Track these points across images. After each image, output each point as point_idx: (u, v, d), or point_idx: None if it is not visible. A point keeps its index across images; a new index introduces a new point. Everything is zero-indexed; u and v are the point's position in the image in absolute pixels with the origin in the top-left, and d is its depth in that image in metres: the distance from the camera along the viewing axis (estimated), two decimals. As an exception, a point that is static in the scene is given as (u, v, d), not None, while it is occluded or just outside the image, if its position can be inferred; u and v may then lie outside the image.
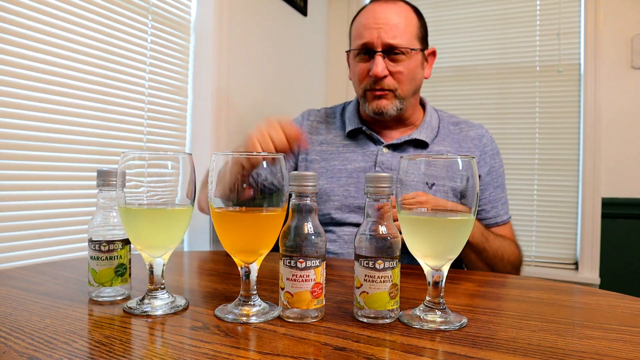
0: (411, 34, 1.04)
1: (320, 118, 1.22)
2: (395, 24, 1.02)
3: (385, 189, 0.54)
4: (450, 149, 1.09)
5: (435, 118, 1.14)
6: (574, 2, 2.15)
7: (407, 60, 1.03)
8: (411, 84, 1.06)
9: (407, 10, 1.07)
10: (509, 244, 1.03)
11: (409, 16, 1.05)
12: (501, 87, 2.28)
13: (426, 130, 1.09)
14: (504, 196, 1.11)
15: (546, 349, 0.46)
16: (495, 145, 1.14)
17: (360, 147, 1.12)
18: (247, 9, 1.84)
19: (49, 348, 0.44)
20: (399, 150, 1.09)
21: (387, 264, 0.53)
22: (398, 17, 1.03)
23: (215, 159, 0.55)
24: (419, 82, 1.09)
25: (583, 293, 0.73)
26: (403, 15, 1.04)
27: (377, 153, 1.09)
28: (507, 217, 1.10)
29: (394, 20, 1.02)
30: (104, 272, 0.62)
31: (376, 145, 1.11)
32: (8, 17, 1.08)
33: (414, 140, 1.08)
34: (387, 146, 1.09)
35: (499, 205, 1.09)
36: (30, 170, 1.15)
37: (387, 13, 1.03)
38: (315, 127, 1.20)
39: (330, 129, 1.19)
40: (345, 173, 1.09)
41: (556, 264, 2.19)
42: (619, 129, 2.05)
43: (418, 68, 1.07)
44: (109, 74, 1.34)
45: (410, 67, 1.04)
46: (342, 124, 1.18)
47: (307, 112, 1.25)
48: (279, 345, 0.46)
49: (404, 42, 1.02)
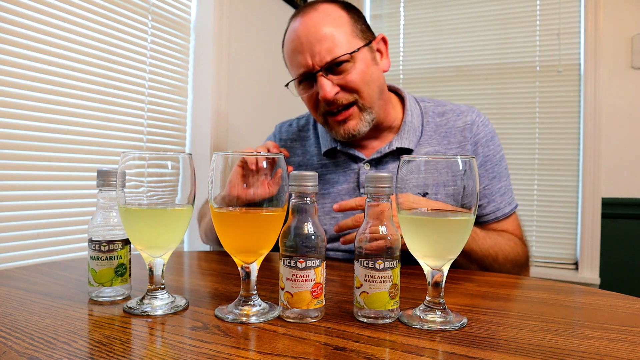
0: (346, 36, 0.91)
1: (294, 135, 1.12)
2: (324, 35, 0.89)
3: (385, 189, 0.54)
4: (439, 147, 0.99)
5: (418, 114, 1.03)
6: (574, 2, 2.15)
7: (354, 65, 0.90)
8: (371, 87, 0.93)
9: (332, 13, 0.92)
10: (507, 240, 0.92)
11: (336, 18, 0.91)
12: (501, 87, 2.28)
13: (407, 134, 0.99)
14: (502, 186, 0.99)
15: (546, 349, 0.46)
16: (490, 129, 1.01)
17: (340, 166, 1.02)
18: (247, 9, 1.84)
19: (49, 348, 0.44)
20: (382, 164, 1.00)
21: (387, 264, 0.53)
22: (324, 26, 0.90)
23: (215, 159, 0.55)
24: (378, 81, 0.95)
25: (583, 293, 0.73)
26: (329, 20, 0.90)
27: (359, 171, 1.00)
28: (510, 210, 0.98)
29: (321, 32, 0.89)
30: (104, 272, 0.62)
31: (357, 162, 1.01)
32: (8, 17, 1.08)
33: (396, 149, 0.98)
34: (369, 162, 0.99)
35: (497, 198, 0.97)
36: (30, 170, 1.15)
37: (311, 28, 0.90)
38: (290, 146, 1.11)
39: (306, 147, 1.09)
40: (329, 198, 1.02)
41: (556, 264, 2.19)
42: (619, 129, 2.05)
43: (370, 67, 0.93)
44: (109, 74, 1.34)
45: (361, 70, 0.91)
46: (316, 139, 1.08)
47: (277, 129, 1.16)
48: (279, 345, 0.46)
49: (342, 50, 0.89)
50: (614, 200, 2.05)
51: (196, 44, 1.67)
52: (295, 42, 0.92)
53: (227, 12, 1.70)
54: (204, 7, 1.66)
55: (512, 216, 1.00)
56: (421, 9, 2.46)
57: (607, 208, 2.06)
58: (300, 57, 0.91)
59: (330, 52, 0.89)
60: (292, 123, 1.17)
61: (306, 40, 0.90)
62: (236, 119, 1.78)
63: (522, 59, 2.25)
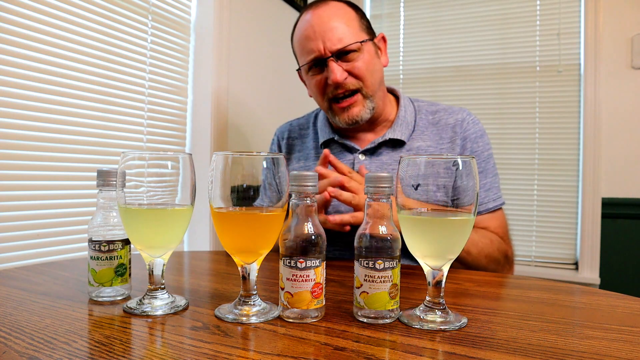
0: (355, 29, 1.01)
1: (295, 133, 1.20)
2: (336, 26, 0.99)
3: (385, 189, 0.54)
4: (430, 142, 1.05)
5: (411, 111, 1.09)
6: (574, 2, 2.15)
7: (361, 55, 1.00)
8: (373, 77, 1.02)
9: (341, 8, 1.03)
10: (481, 236, 0.94)
11: (345, 13, 1.02)
12: (501, 87, 2.28)
13: (401, 127, 1.05)
14: (488, 182, 1.03)
15: (546, 349, 0.46)
16: (479, 128, 1.06)
17: (336, 157, 1.06)
18: (247, 9, 1.84)
19: (49, 348, 0.44)
20: (376, 154, 1.06)
21: (387, 264, 0.53)
22: (336, 18, 0.99)
23: (215, 159, 0.55)
24: (380, 73, 1.05)
25: (583, 293, 0.73)
26: (340, 14, 1.01)
27: (354, 161, 1.06)
28: (494, 206, 1.01)
29: (333, 23, 0.99)
30: (104, 272, 0.62)
31: (352, 153, 1.08)
32: (8, 17, 1.08)
33: (390, 140, 1.05)
34: (364, 152, 1.06)
35: (482, 193, 1.01)
36: (30, 170, 1.15)
37: (324, 18, 0.99)
38: (292, 144, 1.18)
39: (305, 142, 1.16)
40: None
41: (556, 264, 2.19)
42: (619, 129, 2.05)
43: (374, 58, 1.03)
44: (109, 74, 1.34)
45: (367, 60, 1.00)
46: (314, 135, 1.15)
47: (280, 132, 1.22)
48: (279, 345, 0.46)
49: (352, 39, 0.99)
50: (614, 200, 2.05)
51: (196, 44, 1.67)
52: (309, 30, 1.00)
53: (227, 12, 1.70)
54: (204, 7, 1.66)
55: (495, 213, 1.02)
56: (421, 9, 2.46)
57: (607, 208, 2.06)
58: (312, 44, 1.00)
59: (341, 41, 0.98)
60: (292, 122, 1.24)
61: (319, 29, 0.99)
62: (236, 119, 1.78)
63: (522, 59, 2.25)
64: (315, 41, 0.99)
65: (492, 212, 1.01)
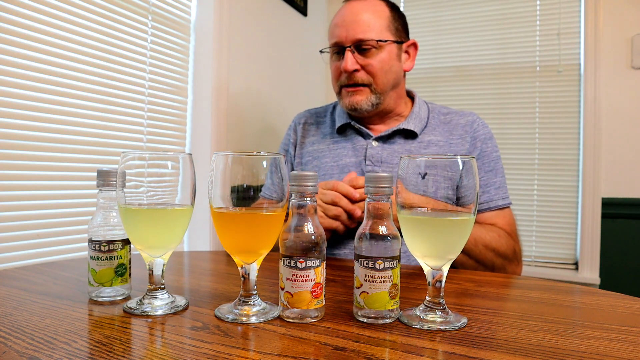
0: (381, 27, 1.05)
1: (312, 119, 1.25)
2: (363, 19, 1.04)
3: (385, 189, 0.54)
4: (441, 137, 1.09)
5: (425, 109, 1.14)
6: (574, 2, 2.15)
7: (379, 53, 1.04)
8: (387, 77, 1.06)
9: (378, 5, 1.07)
10: (487, 230, 0.96)
11: (378, 10, 1.06)
12: (501, 87, 2.28)
13: (414, 121, 1.10)
14: (498, 181, 1.05)
15: (546, 349, 0.46)
16: (488, 130, 1.11)
17: (350, 141, 1.13)
18: (247, 9, 1.84)
19: (49, 348, 0.44)
20: (388, 142, 1.10)
21: (387, 264, 0.53)
22: (366, 12, 1.05)
23: (215, 159, 0.55)
24: (396, 75, 1.09)
25: (583, 293, 0.73)
26: (372, 9, 1.06)
27: (367, 147, 1.09)
28: (504, 203, 1.03)
29: (361, 16, 1.04)
30: (104, 272, 0.62)
31: (365, 139, 1.12)
32: (8, 17, 1.08)
33: (402, 130, 1.09)
34: (377, 139, 1.10)
35: (492, 190, 1.04)
36: (30, 170, 1.15)
37: (355, 10, 1.05)
38: (307, 129, 1.23)
39: (320, 128, 1.22)
40: (337, 169, 1.11)
41: (556, 264, 2.19)
42: (619, 129, 2.05)
43: (393, 60, 1.07)
44: (109, 74, 1.34)
45: (383, 59, 1.04)
46: (332, 122, 1.21)
47: (297, 117, 1.28)
48: (279, 345, 0.46)
49: (373, 35, 1.03)
50: (614, 200, 2.05)
51: (196, 44, 1.67)
52: (339, 19, 1.08)
53: (227, 12, 1.70)
54: (204, 7, 1.66)
55: (504, 211, 1.04)
56: (421, 9, 2.46)
57: (607, 208, 2.06)
58: (337, 30, 1.07)
59: (363, 33, 1.03)
60: (310, 110, 1.29)
61: (348, 19, 1.05)
62: (236, 119, 1.78)
63: (522, 59, 2.24)
64: (340, 28, 1.05)
65: (500, 210, 1.03)
